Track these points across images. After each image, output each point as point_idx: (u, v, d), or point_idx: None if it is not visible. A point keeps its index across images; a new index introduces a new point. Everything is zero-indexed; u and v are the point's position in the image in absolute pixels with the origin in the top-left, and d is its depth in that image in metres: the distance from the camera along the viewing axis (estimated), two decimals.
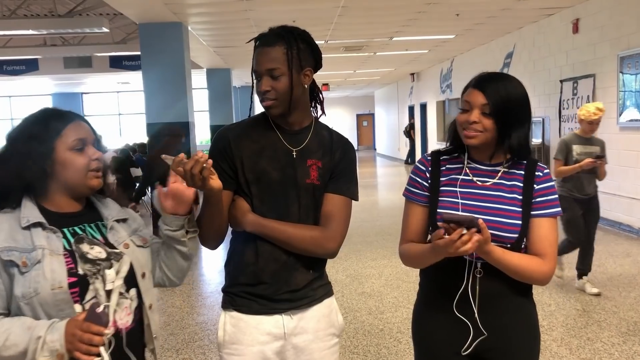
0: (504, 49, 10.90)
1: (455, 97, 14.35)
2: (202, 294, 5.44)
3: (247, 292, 1.72)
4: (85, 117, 1.61)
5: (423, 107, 17.80)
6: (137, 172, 10.64)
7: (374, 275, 5.59)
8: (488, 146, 1.68)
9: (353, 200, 1.77)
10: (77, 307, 1.42)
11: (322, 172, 1.72)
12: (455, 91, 14.30)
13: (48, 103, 20.51)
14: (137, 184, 8.99)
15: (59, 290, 1.39)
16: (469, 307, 1.65)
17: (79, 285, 1.43)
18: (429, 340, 1.76)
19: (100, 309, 1.36)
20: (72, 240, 1.49)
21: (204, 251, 7.52)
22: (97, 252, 1.50)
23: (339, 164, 1.76)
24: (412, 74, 18.44)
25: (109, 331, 1.40)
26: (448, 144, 1.79)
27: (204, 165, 1.49)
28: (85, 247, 1.49)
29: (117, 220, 1.61)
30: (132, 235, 1.62)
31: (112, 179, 1.64)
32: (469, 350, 1.67)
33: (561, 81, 8.55)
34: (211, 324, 4.47)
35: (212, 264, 6.82)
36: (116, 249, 1.54)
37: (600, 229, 7.37)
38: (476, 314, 1.65)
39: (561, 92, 8.54)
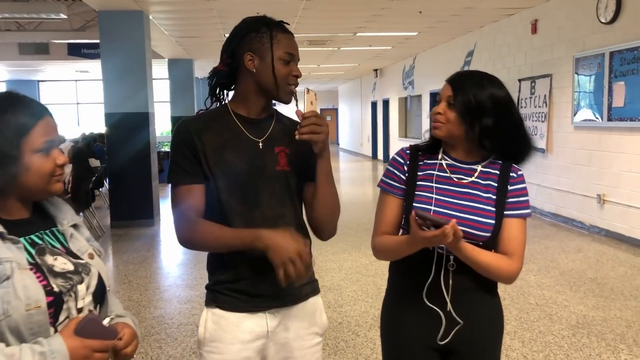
0: (465, 47, 11.08)
1: (417, 94, 14.53)
2: (159, 288, 5.37)
3: (229, 288, 1.69)
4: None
5: (386, 103, 17.95)
6: (95, 162, 10.41)
7: (334, 269, 5.62)
8: (459, 141, 1.70)
9: None
10: (51, 331, 1.22)
11: (291, 158, 1.71)
12: (417, 88, 14.47)
13: (1, 90, 19.85)
14: (95, 175, 8.82)
15: (36, 311, 1.19)
16: (441, 299, 1.67)
17: (54, 305, 1.23)
18: (400, 335, 1.77)
19: (106, 322, 1.26)
20: (32, 251, 1.28)
21: (163, 244, 7.43)
22: (62, 263, 1.31)
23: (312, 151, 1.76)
24: (376, 70, 18.57)
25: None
26: (427, 139, 1.81)
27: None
28: (49, 259, 1.29)
29: (73, 226, 1.42)
30: (89, 244, 1.44)
31: (67, 175, 1.47)
32: (447, 339, 1.69)
33: (519, 80, 8.75)
34: (168, 318, 4.42)
35: (171, 257, 6.74)
36: (81, 259, 1.36)
37: (553, 225, 7.62)
38: (449, 305, 1.67)
39: (519, 91, 8.74)
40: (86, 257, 1.37)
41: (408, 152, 1.79)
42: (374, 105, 19.74)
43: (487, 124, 1.66)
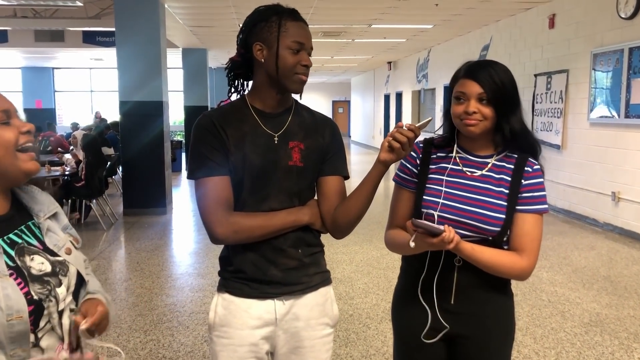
0: (480, 41, 10.98)
1: (431, 87, 14.44)
2: (171, 276, 5.41)
3: (239, 277, 1.70)
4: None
5: (399, 96, 17.87)
6: (109, 151, 10.47)
7: (345, 261, 5.62)
8: (484, 135, 1.68)
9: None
10: (31, 337, 1.17)
11: (305, 153, 1.70)
12: (431, 81, 14.38)
13: (17, 77, 19.99)
14: (109, 163, 8.87)
15: (17, 321, 1.12)
16: (437, 297, 1.67)
17: (35, 313, 1.17)
18: (406, 325, 1.78)
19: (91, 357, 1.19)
20: (12, 252, 1.18)
21: (175, 233, 7.46)
22: (39, 263, 1.22)
23: (331, 145, 1.75)
24: (389, 63, 18.46)
25: None
26: (442, 132, 1.79)
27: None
28: (27, 260, 1.20)
29: (50, 217, 1.31)
30: (66, 232, 1.35)
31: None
32: (433, 340, 1.69)
33: (535, 75, 8.67)
34: (180, 306, 4.45)
35: (183, 246, 6.78)
36: (58, 256, 1.26)
37: (566, 222, 7.56)
38: (436, 306, 1.66)
39: (535, 86, 8.66)
40: (63, 252, 1.29)
41: (421, 145, 1.78)
42: (386, 98, 19.65)
43: (515, 111, 1.66)
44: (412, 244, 1.53)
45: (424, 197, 1.70)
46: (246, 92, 1.77)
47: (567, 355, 3.52)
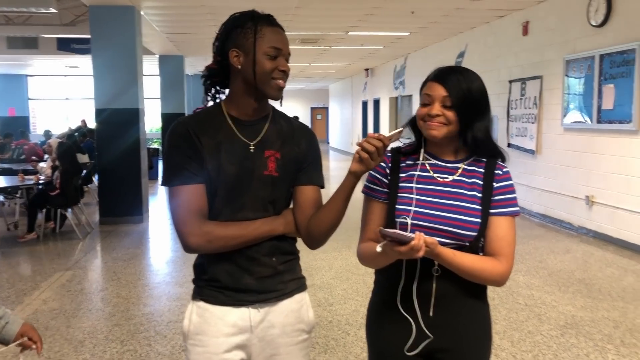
0: (456, 48, 11.11)
1: (408, 94, 14.55)
2: (149, 285, 5.35)
3: (213, 286, 1.69)
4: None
5: (377, 103, 17.97)
6: (84, 159, 10.34)
7: (324, 268, 5.62)
8: (450, 141, 1.67)
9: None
10: None
11: (281, 163, 1.68)
12: (408, 88, 14.50)
13: None
14: (85, 171, 8.75)
15: None
16: (417, 308, 1.64)
17: None
18: (382, 339, 1.74)
19: None
20: None
21: (152, 241, 7.39)
22: None
23: (307, 154, 1.74)
24: (367, 70, 18.57)
25: None
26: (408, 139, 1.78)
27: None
28: None
29: None
30: None
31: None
32: (416, 351, 1.66)
33: (510, 81, 8.79)
34: (157, 315, 4.40)
35: (160, 254, 6.71)
36: None
37: (542, 226, 7.67)
38: (419, 316, 1.63)
39: (510, 92, 8.78)
40: None
41: (389, 155, 1.75)
42: (364, 104, 19.74)
43: (482, 118, 1.65)
44: (378, 249, 1.50)
45: (397, 206, 1.67)
46: (222, 97, 1.75)
47: (543, 358, 3.56)
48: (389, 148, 1.63)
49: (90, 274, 5.82)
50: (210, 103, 1.76)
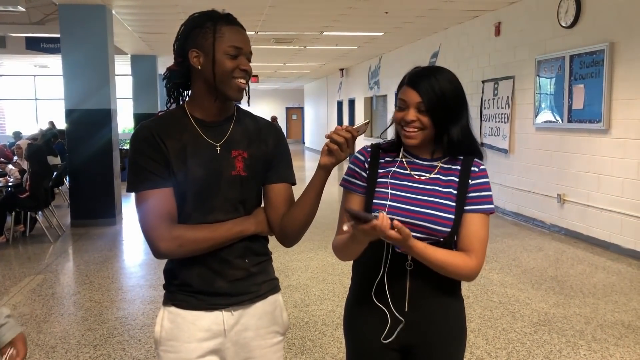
0: (430, 48, 11.20)
1: (382, 94, 14.62)
2: (122, 288, 5.26)
3: (185, 290, 1.66)
4: None
5: (352, 103, 18.02)
6: (55, 160, 10.15)
7: (300, 269, 5.60)
8: (427, 142, 1.69)
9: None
10: None
11: (249, 162, 1.67)
12: (382, 88, 14.57)
13: None
14: (55, 173, 8.60)
15: None
16: (399, 303, 1.66)
17: None
18: (359, 335, 1.76)
19: None
20: None
21: (125, 244, 7.28)
22: None
23: (275, 152, 1.72)
24: (342, 70, 18.61)
25: None
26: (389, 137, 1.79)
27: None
28: None
29: None
30: None
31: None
32: (391, 338, 1.68)
33: (483, 82, 8.89)
34: (131, 319, 4.33)
35: (133, 257, 6.62)
36: None
37: (515, 224, 7.77)
38: (391, 305, 1.66)
39: (483, 92, 8.88)
40: None
41: (369, 149, 1.78)
42: (339, 104, 19.78)
43: (458, 119, 1.66)
44: (345, 227, 1.51)
45: (373, 200, 1.70)
46: (185, 99, 1.73)
47: (517, 355, 3.60)
48: (368, 143, 1.64)
49: (62, 277, 5.71)
50: (174, 105, 1.73)
